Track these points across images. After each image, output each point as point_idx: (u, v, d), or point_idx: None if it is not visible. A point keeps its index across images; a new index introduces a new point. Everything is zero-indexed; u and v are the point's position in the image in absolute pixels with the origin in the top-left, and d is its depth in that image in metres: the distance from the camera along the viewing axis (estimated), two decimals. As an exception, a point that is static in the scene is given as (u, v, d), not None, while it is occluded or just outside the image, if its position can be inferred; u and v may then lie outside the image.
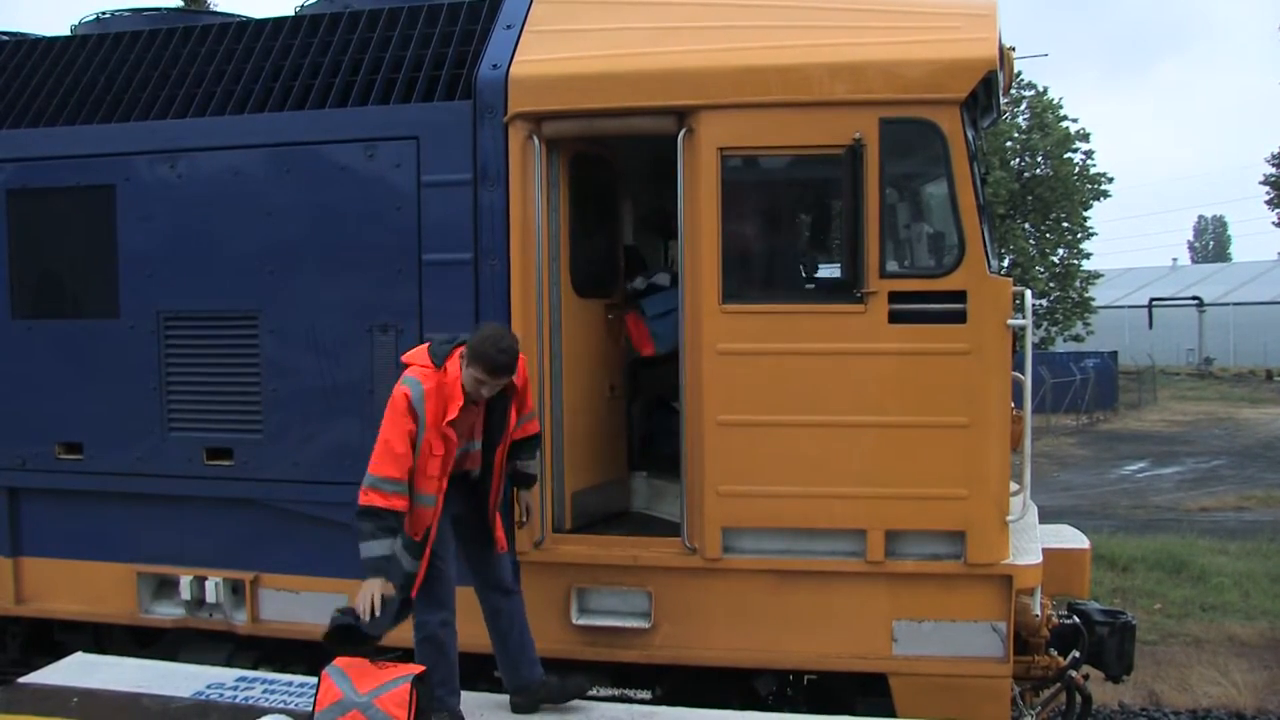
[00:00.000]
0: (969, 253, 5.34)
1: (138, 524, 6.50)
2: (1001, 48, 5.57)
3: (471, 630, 5.19)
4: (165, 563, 6.46)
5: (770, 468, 5.52)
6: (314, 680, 4.92)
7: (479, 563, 5.17)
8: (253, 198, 6.15)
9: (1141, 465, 25.05)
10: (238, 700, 5.36)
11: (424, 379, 4.78)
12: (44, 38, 7.23)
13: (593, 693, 5.80)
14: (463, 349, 4.82)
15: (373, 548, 4.70)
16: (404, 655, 4.99)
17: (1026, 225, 40.10)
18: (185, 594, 6.36)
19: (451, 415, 4.75)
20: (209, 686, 5.54)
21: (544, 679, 5.23)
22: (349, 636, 4.69)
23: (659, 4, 6.08)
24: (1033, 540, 5.90)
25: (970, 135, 5.46)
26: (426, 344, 4.95)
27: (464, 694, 5.13)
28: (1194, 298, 51.18)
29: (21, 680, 5.75)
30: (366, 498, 4.71)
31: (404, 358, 4.96)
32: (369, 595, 4.69)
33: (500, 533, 5.14)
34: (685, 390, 5.61)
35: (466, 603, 5.14)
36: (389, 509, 4.69)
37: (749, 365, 5.52)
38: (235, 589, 6.34)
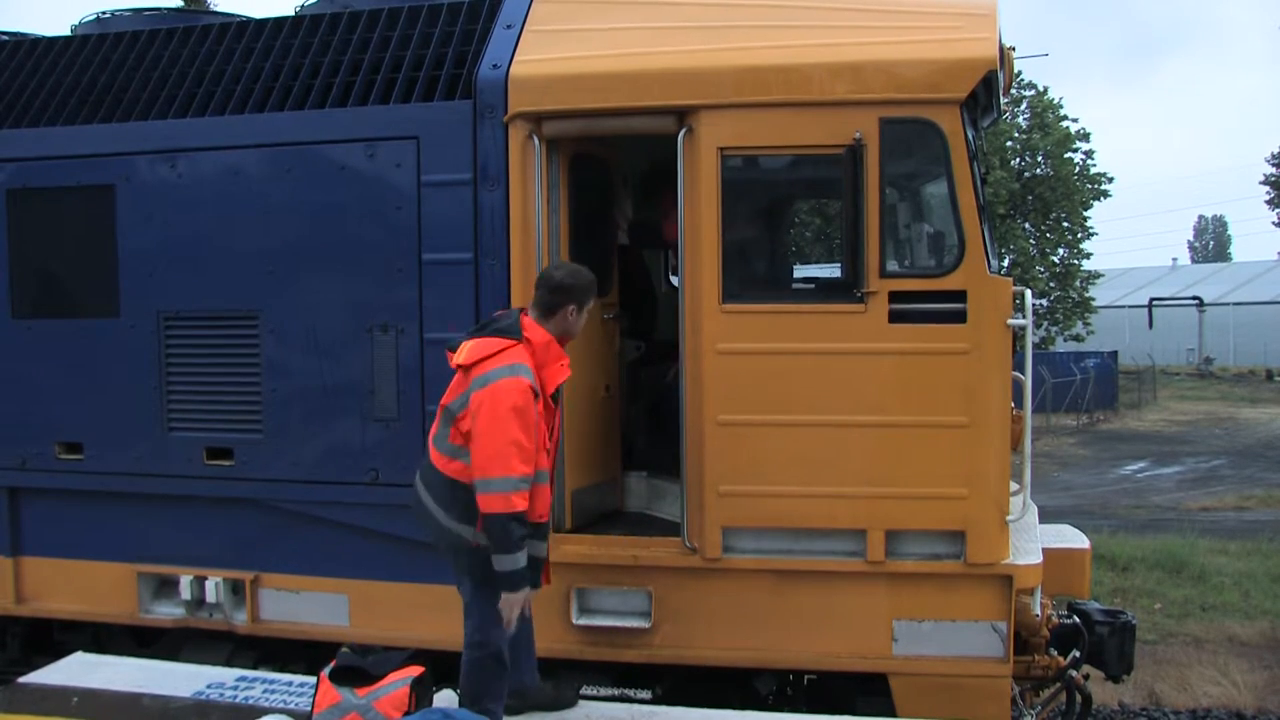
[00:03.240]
0: (969, 252, 5.34)
1: (138, 524, 6.50)
2: (1002, 47, 5.57)
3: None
4: (165, 562, 6.46)
5: (770, 467, 5.51)
6: (314, 680, 4.92)
7: None
8: (253, 198, 6.15)
9: (1142, 465, 25.05)
10: (238, 700, 5.36)
11: (522, 358, 4.52)
12: (44, 38, 7.23)
13: (593, 692, 5.80)
14: (529, 312, 4.68)
15: (518, 559, 4.45)
16: (413, 655, 4.99)
17: (1027, 225, 40.08)
18: (185, 594, 6.36)
19: (564, 376, 4.67)
20: (209, 686, 5.54)
21: (540, 685, 5.23)
22: (355, 675, 4.69)
23: (659, 4, 6.08)
24: (1033, 540, 5.90)
25: (970, 135, 5.46)
26: (479, 336, 4.63)
27: (448, 693, 5.15)
28: (1194, 297, 51.18)
29: (21, 680, 5.75)
30: (511, 503, 4.37)
31: (469, 355, 4.55)
32: (516, 609, 4.52)
33: None
34: (685, 390, 5.61)
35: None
36: (525, 511, 4.46)
37: (749, 365, 5.52)
38: (235, 589, 6.34)
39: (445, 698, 5.07)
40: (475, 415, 4.45)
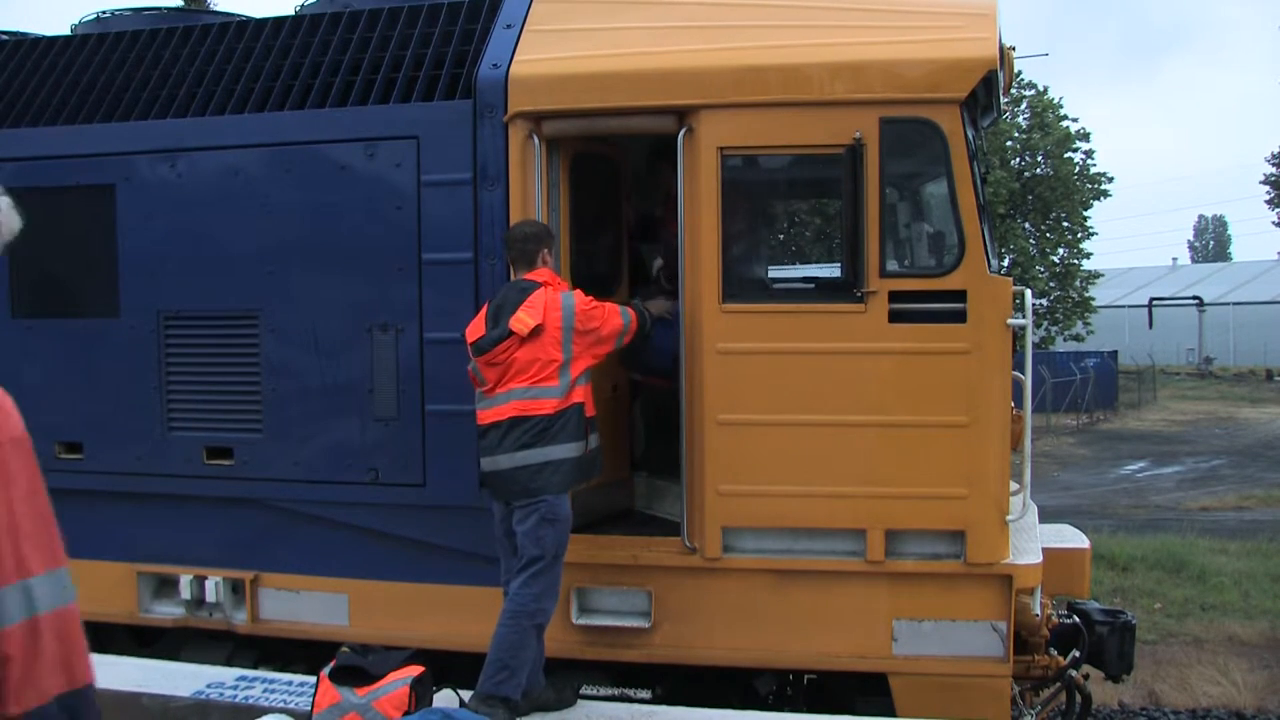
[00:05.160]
0: (969, 252, 5.34)
1: (138, 523, 6.49)
2: (1002, 47, 5.57)
3: (475, 630, 5.20)
4: (165, 562, 6.46)
5: (770, 467, 5.52)
6: (314, 680, 4.92)
7: None
8: (253, 197, 6.14)
9: (1141, 465, 25.06)
10: (238, 699, 5.36)
11: (558, 291, 5.22)
12: (44, 38, 7.23)
13: (593, 692, 5.80)
14: (543, 266, 5.29)
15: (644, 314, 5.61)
16: (413, 655, 4.99)
17: (1027, 225, 40.07)
18: (185, 593, 6.36)
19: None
20: (209, 686, 5.54)
21: (544, 687, 5.24)
22: (355, 675, 4.69)
23: (659, 4, 6.08)
24: (1033, 540, 5.90)
25: (970, 135, 5.46)
26: (517, 310, 5.15)
27: (448, 693, 5.14)
28: (1194, 297, 51.17)
29: (21, 680, 5.74)
30: (631, 310, 5.48)
31: (533, 317, 5.08)
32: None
33: None
34: (685, 390, 5.61)
35: (469, 600, 5.14)
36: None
37: (749, 365, 5.52)
38: (235, 588, 6.34)
39: (445, 698, 5.07)
40: (597, 325, 5.22)
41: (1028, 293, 5.64)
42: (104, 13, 7.25)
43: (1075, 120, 40.70)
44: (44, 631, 2.02)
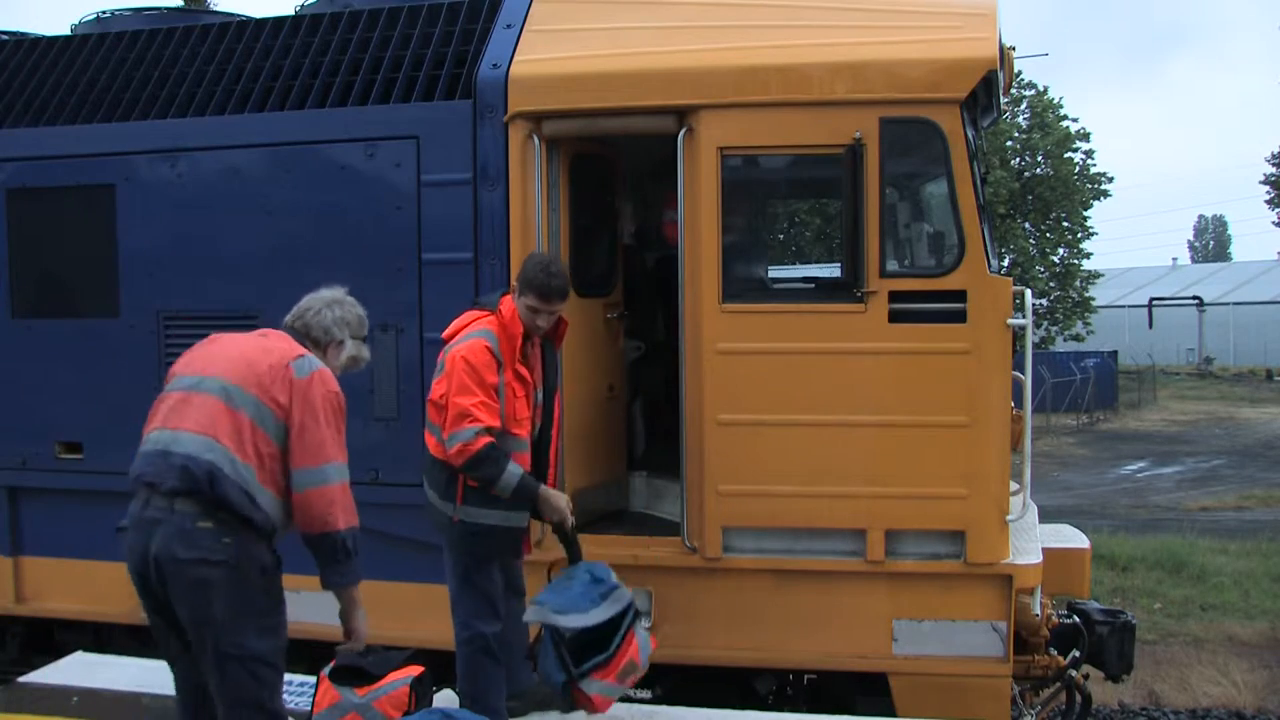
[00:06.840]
0: (969, 252, 5.34)
1: (138, 524, 6.48)
2: (1002, 47, 5.57)
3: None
4: (165, 562, 6.44)
5: (770, 467, 5.52)
6: (314, 680, 4.92)
7: (507, 564, 5.04)
8: (253, 197, 6.15)
9: (1141, 465, 25.05)
10: (238, 700, 5.34)
11: (489, 324, 4.70)
12: (44, 37, 7.23)
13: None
14: (509, 295, 4.81)
15: (512, 473, 4.55)
16: (413, 655, 4.98)
17: (1027, 225, 40.07)
18: (185, 594, 6.34)
19: (518, 346, 4.72)
20: (209, 686, 5.53)
21: (537, 684, 5.22)
22: (355, 675, 4.68)
23: (659, 4, 6.08)
24: (1033, 540, 5.90)
25: (970, 135, 5.46)
26: (473, 306, 4.92)
27: (448, 693, 5.13)
28: (1194, 297, 51.14)
29: (21, 680, 5.75)
30: (480, 440, 4.49)
31: (451, 329, 4.80)
32: (558, 509, 4.72)
33: None
34: (685, 390, 5.61)
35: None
36: (491, 445, 4.55)
37: (749, 365, 5.52)
38: (235, 589, 6.32)
39: (445, 698, 5.07)
40: (445, 382, 4.62)
41: (1028, 293, 5.65)
42: (104, 13, 7.26)
43: (1075, 120, 40.75)
44: (345, 491, 3.89)
